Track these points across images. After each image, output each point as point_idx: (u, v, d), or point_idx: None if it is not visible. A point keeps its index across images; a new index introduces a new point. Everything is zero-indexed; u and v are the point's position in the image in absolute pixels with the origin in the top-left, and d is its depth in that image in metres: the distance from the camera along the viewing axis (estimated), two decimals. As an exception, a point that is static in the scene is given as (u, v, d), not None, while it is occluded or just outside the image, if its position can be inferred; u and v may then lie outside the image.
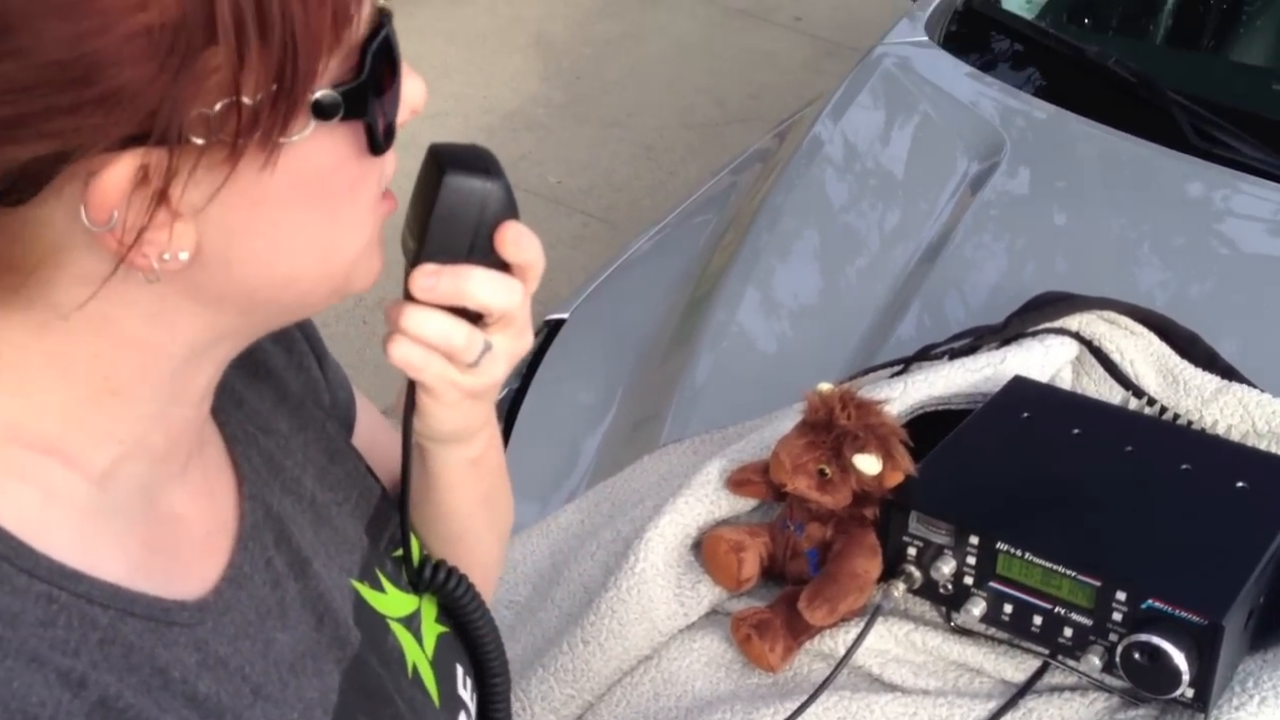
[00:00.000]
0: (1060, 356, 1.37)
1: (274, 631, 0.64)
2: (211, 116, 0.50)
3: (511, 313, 0.67)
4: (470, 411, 0.71)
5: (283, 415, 0.73)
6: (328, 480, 0.74)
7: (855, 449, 1.13)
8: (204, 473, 0.65)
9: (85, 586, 0.55)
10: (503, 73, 4.23)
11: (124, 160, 0.50)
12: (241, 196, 0.53)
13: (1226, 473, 1.17)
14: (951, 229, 1.74)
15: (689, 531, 1.22)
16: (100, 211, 0.50)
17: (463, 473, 0.76)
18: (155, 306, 0.56)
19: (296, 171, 0.54)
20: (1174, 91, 1.85)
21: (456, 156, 0.65)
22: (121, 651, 0.55)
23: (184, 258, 0.53)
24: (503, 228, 0.65)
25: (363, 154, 0.57)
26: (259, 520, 0.67)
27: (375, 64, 0.55)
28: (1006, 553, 1.09)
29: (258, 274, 0.57)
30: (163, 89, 0.49)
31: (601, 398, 1.61)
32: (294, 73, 0.51)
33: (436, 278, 0.65)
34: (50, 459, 0.56)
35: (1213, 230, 1.80)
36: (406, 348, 0.65)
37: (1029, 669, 1.11)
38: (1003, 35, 2.12)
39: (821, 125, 1.96)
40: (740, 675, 1.16)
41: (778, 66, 4.27)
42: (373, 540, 0.75)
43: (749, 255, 1.72)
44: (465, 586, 0.77)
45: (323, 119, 0.54)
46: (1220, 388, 1.32)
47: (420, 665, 0.74)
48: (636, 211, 3.49)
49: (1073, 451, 1.21)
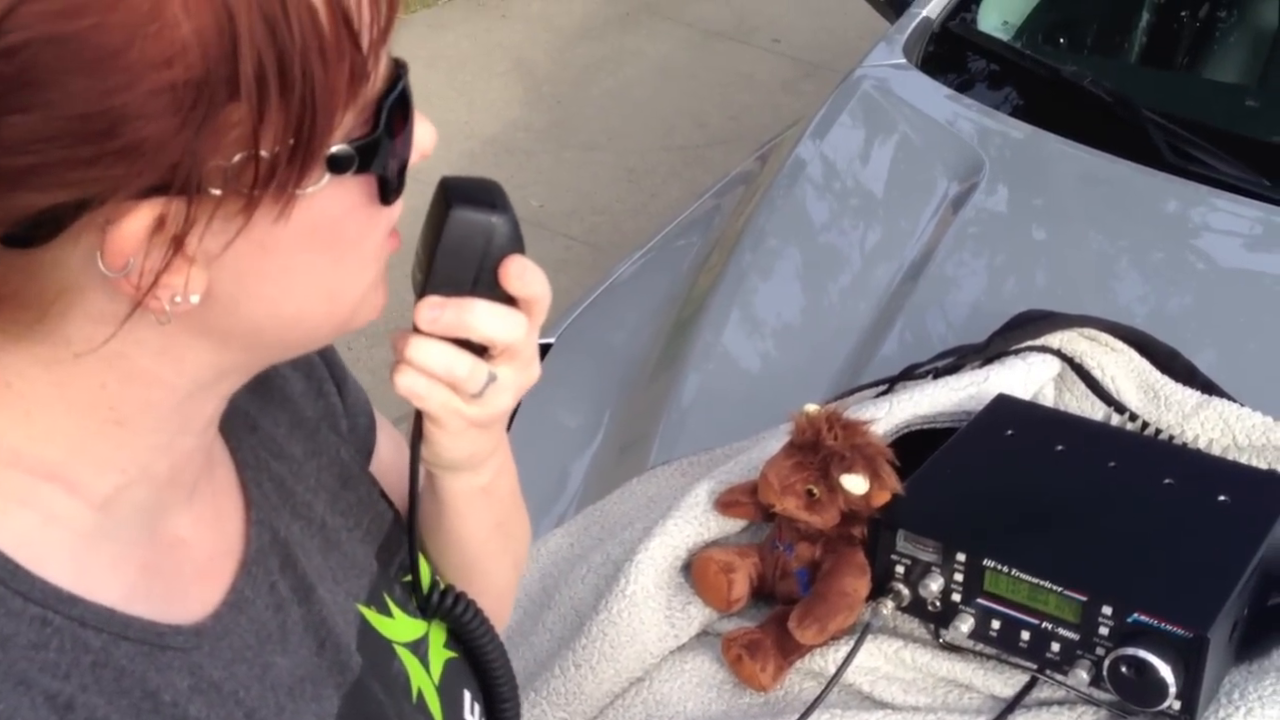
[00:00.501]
0: (1043, 374, 1.38)
1: (273, 656, 0.64)
2: (229, 168, 0.51)
3: (516, 345, 0.68)
4: (477, 440, 0.72)
5: (297, 440, 0.74)
6: (339, 505, 0.75)
7: (842, 469, 1.14)
8: (212, 497, 0.66)
9: (80, 610, 0.55)
10: (483, 98, 4.24)
11: (143, 209, 0.51)
12: (254, 244, 0.54)
13: (1209, 486, 1.18)
14: (933, 248, 1.76)
15: (679, 553, 1.23)
16: (117, 258, 0.51)
17: (473, 500, 0.77)
18: (164, 343, 0.56)
19: (308, 220, 0.55)
20: (1149, 110, 1.87)
21: (464, 190, 0.66)
22: (113, 675, 0.55)
23: (195, 300, 0.54)
24: (507, 262, 0.66)
25: (373, 202, 0.58)
26: (265, 545, 0.67)
27: (390, 118, 0.56)
28: (993, 569, 1.10)
29: (266, 314, 0.58)
30: (185, 143, 0.49)
31: (589, 421, 1.62)
32: (312, 128, 0.52)
33: (441, 310, 0.66)
34: (52, 485, 0.57)
35: (1190, 246, 1.82)
36: (411, 378, 0.67)
37: (1017, 684, 1.12)
38: (980, 56, 2.14)
39: (803, 147, 1.98)
40: (732, 695, 1.17)
41: (757, 88, 4.29)
42: (383, 565, 0.76)
43: (734, 277, 1.74)
44: (474, 612, 0.78)
45: (337, 172, 0.55)
46: (1201, 402, 1.34)
47: (426, 691, 0.74)
48: (619, 234, 3.50)
49: (1057, 468, 1.22)
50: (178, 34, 0.48)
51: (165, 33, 0.47)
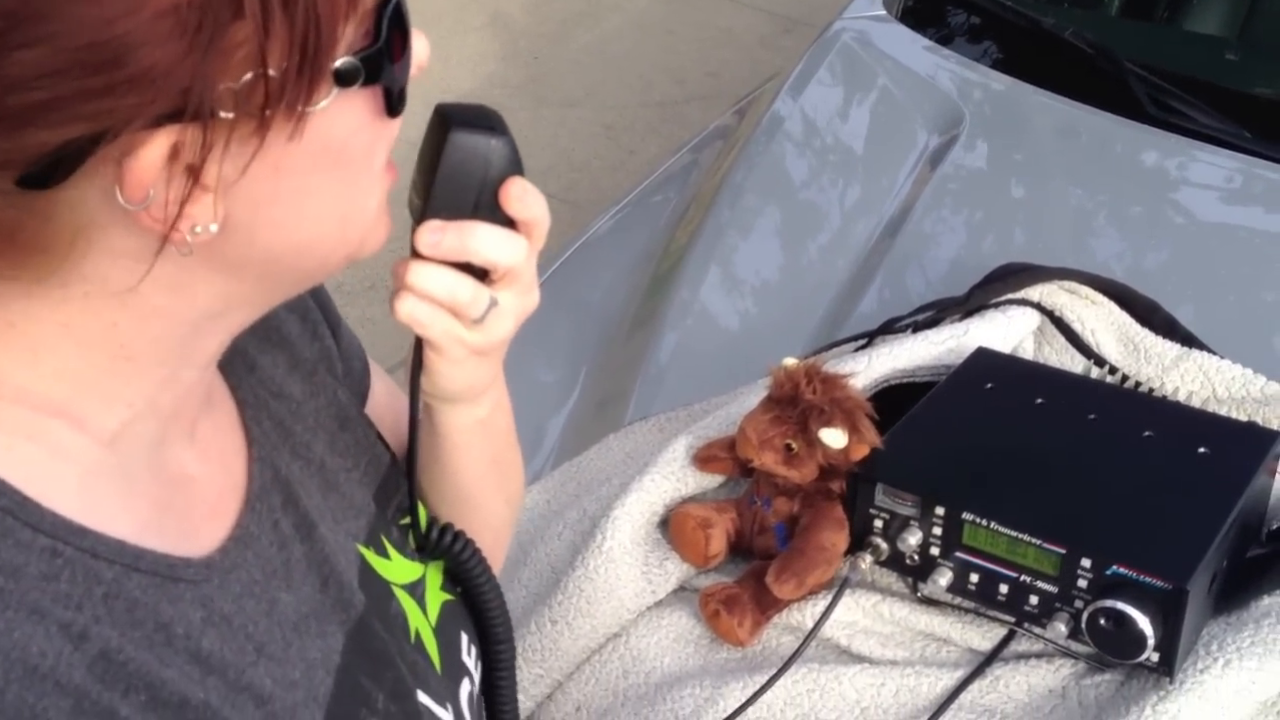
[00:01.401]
0: (1022, 327, 1.37)
1: (279, 591, 0.64)
2: (238, 90, 0.51)
3: (517, 269, 0.68)
4: (477, 369, 0.72)
5: (295, 381, 0.74)
6: (337, 447, 0.75)
7: (821, 423, 1.13)
8: (215, 435, 0.66)
9: (90, 541, 0.55)
10: (459, 53, 4.20)
11: (157, 139, 0.50)
12: (269, 167, 0.54)
13: (1188, 439, 1.18)
14: (912, 203, 1.74)
15: (656, 509, 1.22)
16: (136, 190, 0.51)
17: (471, 433, 0.77)
18: (177, 277, 0.56)
19: (319, 138, 0.55)
20: (1130, 61, 1.86)
21: (463, 115, 0.65)
22: (125, 606, 0.55)
23: (214, 229, 0.54)
24: (508, 184, 0.66)
25: (379, 118, 0.58)
26: (267, 482, 0.67)
27: (390, 28, 0.56)
28: (972, 523, 1.10)
29: (281, 241, 0.57)
30: (193, 66, 0.49)
31: (565, 377, 1.61)
32: (317, 42, 0.52)
33: (441, 233, 0.65)
34: (58, 421, 0.57)
35: (1170, 199, 1.81)
36: (412, 304, 0.66)
37: (995, 637, 1.12)
38: (960, 8, 2.12)
39: (781, 102, 1.95)
40: (709, 650, 1.16)
41: (736, 43, 4.26)
42: (380, 507, 0.76)
43: (711, 233, 1.72)
44: (471, 550, 0.78)
45: (344, 86, 0.54)
46: (1180, 355, 1.33)
47: (423, 631, 0.74)
48: (597, 191, 3.48)
49: (1036, 421, 1.22)
50: None
51: None
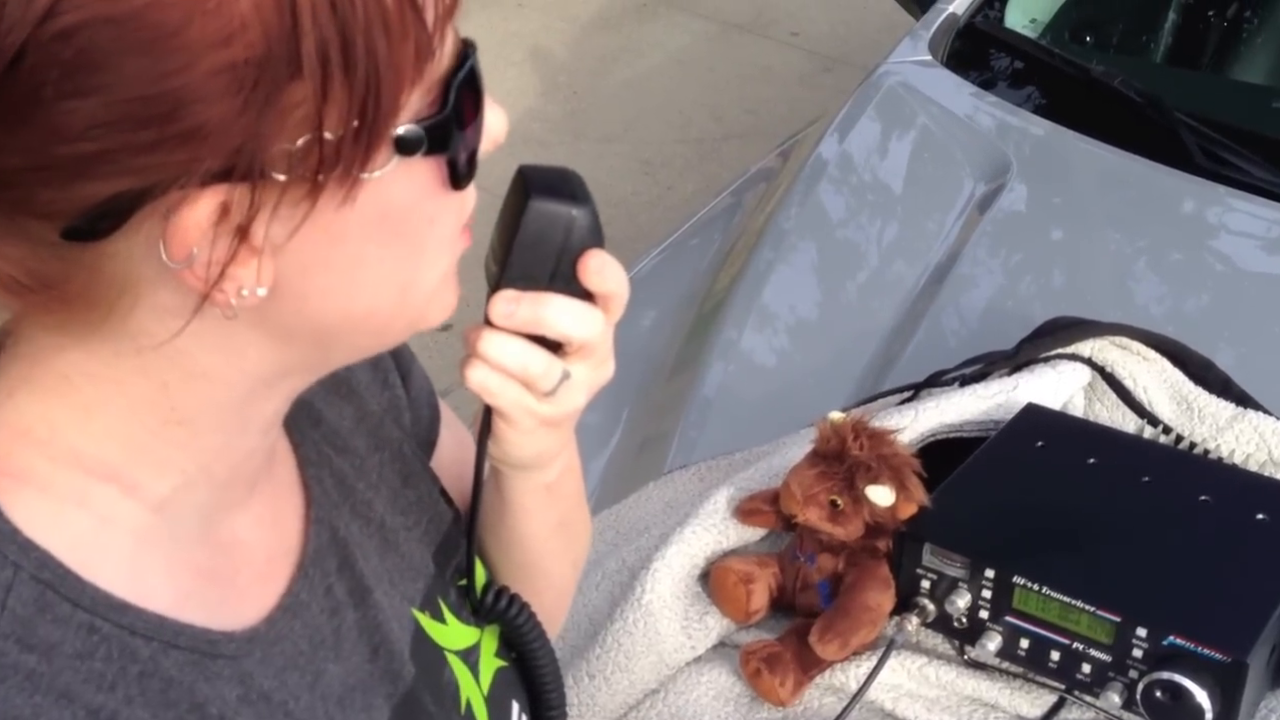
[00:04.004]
0: (1073, 383, 1.35)
1: (325, 663, 0.63)
2: (294, 152, 0.49)
3: (592, 343, 0.66)
4: (547, 439, 0.70)
5: (361, 435, 0.72)
6: (399, 504, 0.73)
7: (868, 480, 1.10)
8: (272, 496, 0.65)
9: (130, 618, 0.54)
10: (499, 88, 4.19)
11: (206, 197, 0.49)
12: (320, 231, 0.52)
13: (1246, 504, 1.15)
14: (959, 250, 1.72)
15: (696, 562, 1.20)
16: (180, 248, 0.50)
17: (537, 498, 0.75)
18: (226, 341, 0.55)
19: (376, 206, 0.53)
20: (1180, 111, 1.84)
21: (544, 180, 0.64)
22: (160, 686, 0.54)
23: (261, 293, 0.52)
24: (586, 256, 0.64)
25: (443, 188, 0.56)
26: (323, 545, 0.66)
27: (458, 98, 0.54)
28: (1023, 587, 1.07)
29: (334, 309, 0.56)
30: (247, 125, 0.48)
31: (607, 419, 1.59)
32: (377, 107, 0.50)
33: (516, 304, 0.64)
34: (110, 486, 0.55)
35: (1221, 251, 1.78)
36: (484, 373, 0.65)
37: (1045, 704, 1.09)
38: (1006, 55, 2.10)
39: (826, 144, 1.94)
40: (749, 710, 1.14)
41: (775, 81, 4.26)
42: (439, 568, 0.74)
43: (754, 276, 1.70)
44: (527, 615, 0.76)
45: (405, 154, 0.53)
46: (1235, 415, 1.30)
47: (475, 701, 0.72)
48: (634, 227, 3.47)
49: (1089, 482, 1.19)
50: (236, 10, 0.46)
51: (224, 9, 0.46)
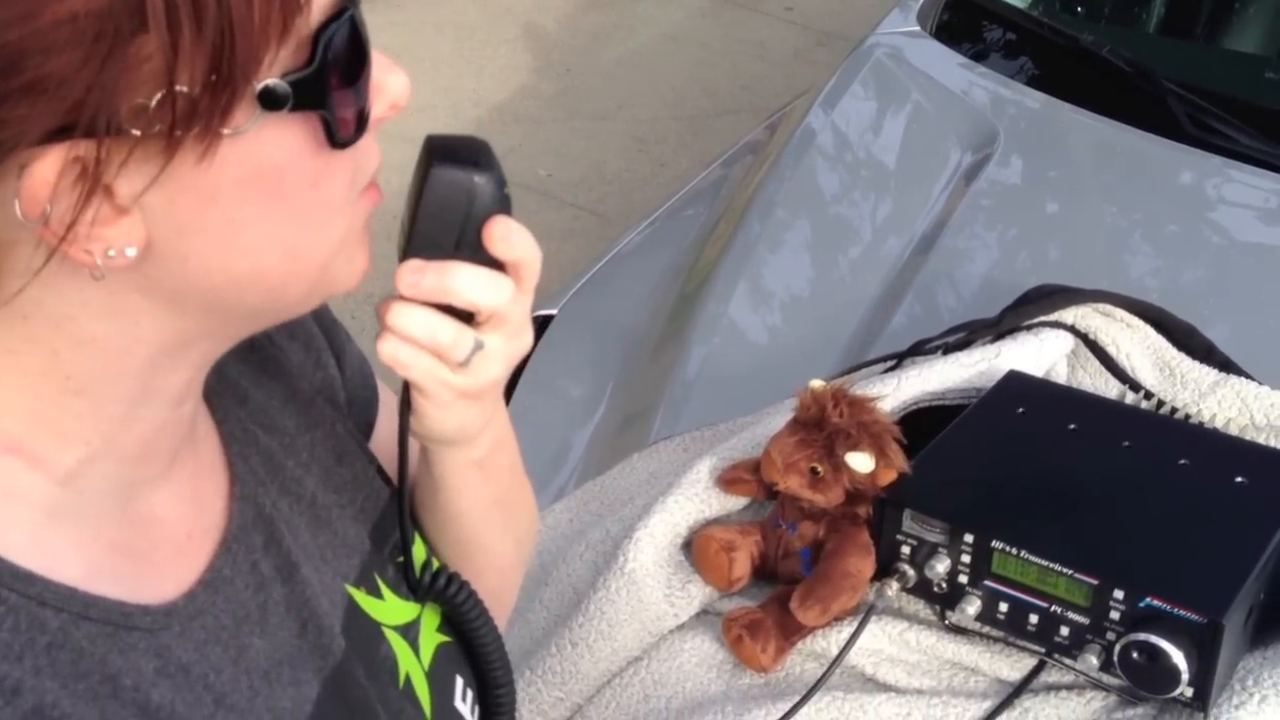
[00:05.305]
0: (1055, 350, 1.35)
1: (251, 637, 0.62)
2: (149, 107, 0.48)
3: (503, 311, 0.65)
4: (467, 412, 0.69)
5: (290, 414, 0.72)
6: (332, 482, 0.72)
7: (848, 447, 1.11)
8: (194, 472, 0.64)
9: (38, 589, 0.53)
10: (492, 65, 4.20)
11: (54, 152, 0.48)
12: (189, 191, 0.51)
13: (1225, 467, 1.15)
14: (945, 221, 1.72)
15: (679, 531, 1.20)
16: (32, 205, 0.49)
17: (468, 475, 0.74)
18: (111, 304, 0.54)
19: (248, 165, 0.52)
20: (1169, 80, 1.83)
21: (448, 148, 0.63)
22: (70, 657, 0.53)
23: (131, 254, 0.51)
24: (490, 223, 0.63)
25: (323, 147, 0.54)
26: (248, 522, 0.65)
27: (330, 53, 0.52)
28: (1002, 551, 1.07)
29: (216, 270, 0.55)
30: (90, 78, 0.47)
31: (591, 393, 1.60)
32: (233, 61, 0.49)
33: (421, 274, 0.63)
34: (13, 458, 0.55)
35: (1208, 219, 1.78)
36: (394, 345, 0.64)
37: (1025, 668, 1.09)
38: (995, 24, 2.10)
39: (813, 116, 1.94)
40: (731, 676, 1.14)
41: (768, 57, 4.25)
42: (376, 545, 0.73)
43: (741, 248, 1.70)
44: (467, 594, 0.75)
45: (271, 109, 0.51)
46: (1218, 380, 1.30)
47: (414, 676, 0.72)
48: (627, 204, 3.47)
49: (1069, 447, 1.19)
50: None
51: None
